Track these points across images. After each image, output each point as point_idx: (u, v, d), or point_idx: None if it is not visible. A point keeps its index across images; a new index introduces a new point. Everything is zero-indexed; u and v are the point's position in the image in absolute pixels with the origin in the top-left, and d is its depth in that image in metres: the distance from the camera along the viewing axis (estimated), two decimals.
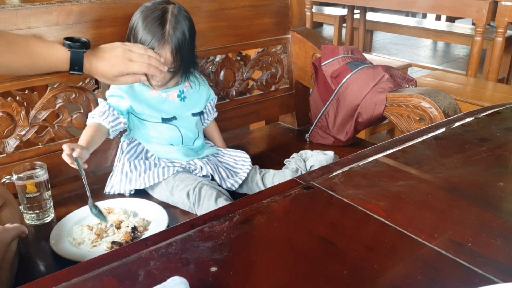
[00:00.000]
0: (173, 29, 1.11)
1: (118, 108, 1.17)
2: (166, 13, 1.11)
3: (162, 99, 1.21)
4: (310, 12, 3.99)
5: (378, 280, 0.52)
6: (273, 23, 1.54)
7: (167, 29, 1.10)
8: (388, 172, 0.78)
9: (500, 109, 1.06)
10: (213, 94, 1.33)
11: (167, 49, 1.11)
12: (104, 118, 1.14)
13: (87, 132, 1.12)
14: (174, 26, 1.11)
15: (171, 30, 1.10)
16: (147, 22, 1.11)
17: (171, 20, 1.11)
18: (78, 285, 0.52)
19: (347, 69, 1.40)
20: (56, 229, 1.02)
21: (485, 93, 2.38)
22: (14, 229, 0.85)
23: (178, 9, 1.14)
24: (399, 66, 2.54)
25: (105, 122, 1.14)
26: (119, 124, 1.17)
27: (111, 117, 1.15)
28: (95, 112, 1.16)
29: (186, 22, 1.14)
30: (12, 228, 0.85)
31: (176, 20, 1.11)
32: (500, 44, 2.64)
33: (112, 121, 1.15)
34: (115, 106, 1.17)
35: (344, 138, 1.45)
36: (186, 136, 1.24)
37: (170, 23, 1.11)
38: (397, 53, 4.92)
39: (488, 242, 0.59)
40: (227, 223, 0.63)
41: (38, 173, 1.06)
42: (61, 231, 1.02)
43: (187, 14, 1.15)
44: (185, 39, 1.13)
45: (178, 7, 1.14)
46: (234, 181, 1.19)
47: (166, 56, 1.11)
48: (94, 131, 1.13)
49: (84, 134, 1.12)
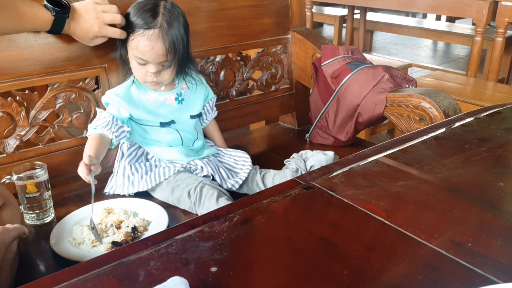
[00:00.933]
0: (165, 18, 1.10)
1: (120, 117, 1.15)
2: (158, 6, 1.11)
3: (160, 103, 1.20)
4: (310, 12, 3.99)
5: (378, 280, 0.52)
6: (273, 23, 1.54)
7: (159, 19, 1.10)
8: (388, 172, 0.78)
9: (500, 109, 1.06)
10: (212, 94, 1.32)
11: (158, 38, 1.09)
12: (108, 129, 1.11)
13: (93, 146, 1.09)
14: (167, 16, 1.10)
15: (162, 20, 1.09)
16: (139, 13, 1.11)
17: (163, 12, 1.10)
18: (78, 285, 0.52)
19: (347, 69, 1.40)
20: (56, 229, 1.02)
21: (485, 93, 2.38)
22: (14, 229, 0.85)
23: (171, 4, 1.13)
24: (399, 66, 2.54)
25: (109, 132, 1.11)
26: (122, 133, 1.15)
27: (115, 127, 1.12)
28: (98, 123, 1.12)
29: (180, 16, 1.13)
30: (13, 229, 0.85)
31: (169, 12, 1.11)
32: (500, 44, 2.64)
33: (116, 131, 1.13)
34: (117, 116, 1.15)
35: (344, 138, 1.45)
36: (185, 138, 1.24)
37: (162, 14, 1.10)
38: (397, 53, 4.92)
39: (488, 242, 0.59)
40: (227, 223, 0.63)
41: (38, 173, 1.06)
42: (61, 231, 1.02)
43: (180, 11, 1.15)
44: (178, 30, 1.12)
45: (171, 3, 1.14)
46: (234, 181, 1.19)
47: (157, 46, 1.09)
48: (98, 144, 1.10)
49: (91, 148, 1.08)
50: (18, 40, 1.09)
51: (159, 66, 1.13)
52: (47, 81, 1.15)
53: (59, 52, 1.15)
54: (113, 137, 1.12)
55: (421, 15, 6.06)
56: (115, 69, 1.24)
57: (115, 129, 1.12)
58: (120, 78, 1.24)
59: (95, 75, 1.22)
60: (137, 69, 1.15)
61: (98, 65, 1.21)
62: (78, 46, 1.17)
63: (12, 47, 1.08)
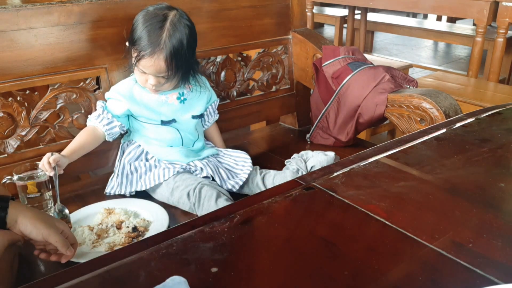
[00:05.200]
0: (170, 37, 1.09)
1: (113, 112, 1.18)
2: (165, 20, 1.11)
3: (162, 102, 1.21)
4: (311, 13, 3.99)
5: (379, 281, 0.52)
6: (274, 23, 1.54)
7: (163, 37, 1.09)
8: (389, 172, 0.78)
9: (501, 110, 1.06)
10: (215, 97, 1.33)
11: (160, 57, 1.10)
12: (99, 122, 1.17)
13: (78, 138, 1.16)
14: (171, 34, 1.10)
15: (167, 39, 1.09)
16: (145, 26, 1.10)
17: (169, 28, 1.10)
18: (79, 285, 0.52)
19: (348, 70, 1.40)
20: None
21: (486, 93, 2.38)
22: (9, 234, 0.84)
23: (179, 16, 1.12)
24: (400, 66, 2.53)
25: (99, 125, 1.17)
26: (114, 128, 1.18)
27: (106, 120, 1.17)
28: (92, 115, 1.18)
29: (186, 30, 1.12)
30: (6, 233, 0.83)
31: (174, 28, 1.10)
32: (501, 44, 2.64)
33: (107, 124, 1.17)
34: (110, 110, 1.18)
35: (345, 139, 1.44)
36: (186, 138, 1.24)
37: (167, 31, 1.10)
38: (398, 54, 4.91)
39: (489, 243, 0.58)
40: (227, 223, 0.63)
41: (39, 174, 1.06)
42: None
43: (187, 22, 1.14)
44: (182, 47, 1.12)
45: (179, 15, 1.13)
46: (234, 182, 1.19)
47: (159, 64, 1.10)
48: (87, 136, 1.17)
49: (75, 140, 1.16)
50: (19, 41, 1.09)
51: (160, 79, 1.13)
52: (48, 81, 1.15)
53: (60, 53, 1.15)
54: (104, 130, 1.17)
55: (422, 16, 6.05)
56: (115, 69, 1.24)
57: (106, 122, 1.17)
58: (121, 78, 1.24)
59: (95, 75, 1.22)
60: (138, 75, 1.16)
61: (99, 65, 1.21)
62: (78, 47, 1.17)
63: (13, 47, 1.08)
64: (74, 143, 1.15)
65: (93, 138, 1.17)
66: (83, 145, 1.15)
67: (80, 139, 1.16)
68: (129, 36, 1.15)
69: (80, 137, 1.16)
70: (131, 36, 1.13)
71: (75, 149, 1.13)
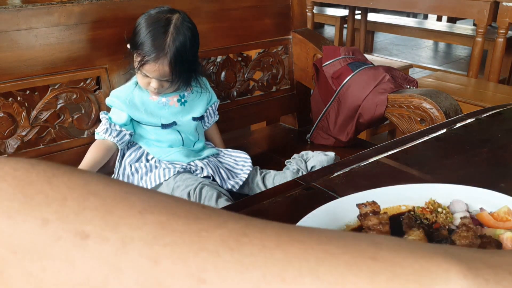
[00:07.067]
0: (173, 41, 1.09)
1: (118, 122, 1.17)
2: (169, 24, 1.10)
3: (162, 104, 1.20)
4: (311, 13, 3.99)
5: None
6: (274, 24, 1.54)
7: (167, 42, 1.09)
8: (389, 173, 0.78)
9: (502, 110, 1.06)
10: (215, 98, 1.32)
11: (165, 62, 1.10)
12: (108, 135, 1.15)
13: (91, 153, 1.15)
14: (175, 39, 1.09)
15: (171, 43, 1.09)
16: (148, 31, 1.10)
17: (173, 32, 1.10)
18: None
19: (348, 70, 1.40)
20: None
21: (486, 94, 2.38)
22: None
23: (181, 19, 1.12)
24: (400, 66, 2.54)
25: (109, 138, 1.15)
26: (124, 137, 1.17)
27: (115, 132, 1.16)
28: (99, 129, 1.17)
29: (188, 33, 1.12)
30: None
31: (178, 32, 1.10)
32: (501, 45, 2.64)
33: (117, 136, 1.16)
34: (115, 121, 1.17)
35: (345, 139, 1.44)
36: (186, 139, 1.24)
37: (171, 35, 1.09)
38: (398, 54, 4.92)
39: None
40: None
41: None
42: None
43: (190, 25, 1.13)
44: (185, 51, 1.11)
45: (182, 18, 1.12)
46: (234, 182, 1.19)
47: (163, 68, 1.10)
48: (99, 150, 1.15)
49: (88, 155, 1.14)
50: (19, 41, 1.09)
51: (163, 82, 1.13)
52: (48, 81, 1.15)
53: (60, 53, 1.15)
54: (115, 141, 1.16)
55: (422, 16, 6.05)
56: (116, 69, 1.24)
57: (115, 134, 1.16)
58: (121, 79, 1.24)
59: (96, 75, 1.22)
60: (140, 77, 1.15)
61: (99, 65, 1.21)
62: (79, 47, 1.17)
63: (13, 47, 1.08)
64: (87, 160, 1.13)
65: (106, 150, 1.16)
66: (98, 160, 1.14)
67: (93, 156, 1.14)
68: (131, 40, 1.14)
69: (93, 153, 1.15)
70: (134, 40, 1.13)
71: (92, 165, 1.13)
